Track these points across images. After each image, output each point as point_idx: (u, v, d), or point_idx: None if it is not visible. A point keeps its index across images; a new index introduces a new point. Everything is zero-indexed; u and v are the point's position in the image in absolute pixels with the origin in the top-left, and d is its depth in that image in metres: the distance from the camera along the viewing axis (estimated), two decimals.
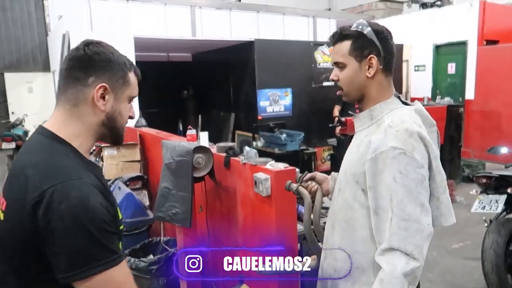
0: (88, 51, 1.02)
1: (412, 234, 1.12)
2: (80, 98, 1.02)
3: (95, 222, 0.89)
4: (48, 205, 0.86)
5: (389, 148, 1.15)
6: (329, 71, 6.65)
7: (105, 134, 1.08)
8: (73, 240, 0.87)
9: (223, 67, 6.96)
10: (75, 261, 0.87)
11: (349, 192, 1.29)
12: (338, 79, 1.33)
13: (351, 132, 5.39)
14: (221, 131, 6.83)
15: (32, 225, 0.87)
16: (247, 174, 2.25)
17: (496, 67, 7.41)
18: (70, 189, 0.89)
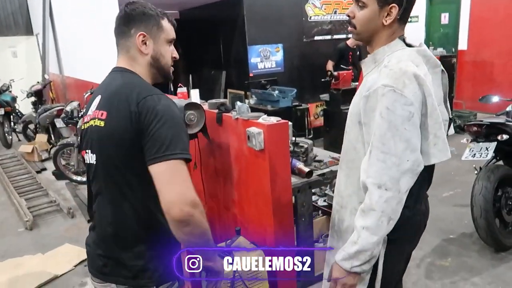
0: (126, 10, 1.30)
1: (389, 166, 1.17)
2: (129, 46, 1.31)
3: (180, 123, 1.19)
4: (147, 107, 1.15)
5: (380, 86, 1.19)
6: (320, 24, 6.53)
7: (155, 73, 1.35)
8: (165, 130, 1.12)
9: (212, 24, 6.77)
10: (165, 146, 1.11)
11: (353, 133, 1.34)
12: (354, 17, 1.31)
13: (344, 86, 5.36)
14: (213, 90, 6.75)
15: (136, 121, 1.14)
16: (239, 129, 2.24)
17: (489, 16, 7.28)
18: (159, 98, 1.18)
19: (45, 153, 6.32)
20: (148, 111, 1.13)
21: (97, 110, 1.25)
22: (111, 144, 1.18)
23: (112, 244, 1.25)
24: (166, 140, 1.11)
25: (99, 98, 1.28)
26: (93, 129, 1.24)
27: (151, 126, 1.12)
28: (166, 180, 1.10)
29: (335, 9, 6.70)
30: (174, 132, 1.13)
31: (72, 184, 5.10)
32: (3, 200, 4.90)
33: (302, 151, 2.68)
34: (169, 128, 1.12)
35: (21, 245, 3.71)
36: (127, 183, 1.20)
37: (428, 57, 1.30)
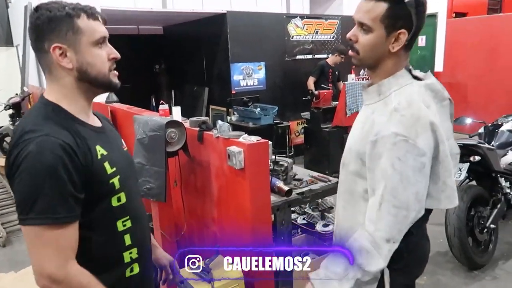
0: (31, 19, 1.05)
1: (399, 220, 1.13)
2: (49, 64, 1.07)
3: (45, 174, 0.95)
4: (16, 157, 0.97)
5: (391, 134, 1.11)
6: (302, 44, 6.67)
7: (88, 88, 1.11)
8: (21, 188, 0.96)
9: (196, 41, 6.83)
10: (21, 206, 0.96)
11: (353, 167, 1.27)
12: (357, 41, 1.20)
13: (324, 105, 5.47)
14: (195, 106, 6.77)
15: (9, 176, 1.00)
16: (220, 148, 2.27)
17: (464, 40, 7.59)
18: (33, 144, 0.96)
19: None
20: (12, 163, 0.97)
21: None
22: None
23: None
24: (21, 201, 0.96)
25: None
26: None
27: (14, 180, 0.97)
28: (28, 245, 0.98)
29: (316, 29, 6.87)
30: (32, 189, 0.94)
31: None
32: None
33: (282, 170, 2.71)
34: (25, 185, 0.95)
35: None
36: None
37: (436, 91, 1.23)
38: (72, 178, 0.98)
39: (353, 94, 5.23)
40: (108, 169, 1.09)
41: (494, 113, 5.09)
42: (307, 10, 8.01)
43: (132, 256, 1.17)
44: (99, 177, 1.06)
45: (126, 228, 1.15)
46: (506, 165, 3.35)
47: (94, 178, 1.05)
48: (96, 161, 1.06)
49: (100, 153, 1.08)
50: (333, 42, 7.11)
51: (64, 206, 0.97)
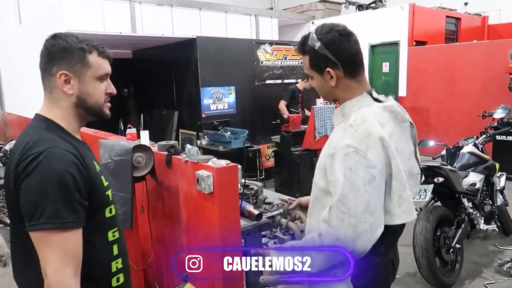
0: (47, 45, 1.18)
1: (345, 225, 1.17)
2: (52, 86, 1.18)
3: (56, 183, 1.03)
4: (25, 168, 1.04)
5: (344, 145, 1.20)
6: (271, 69, 6.79)
7: (83, 114, 1.23)
8: (32, 195, 1.02)
9: (165, 65, 6.82)
10: (31, 214, 1.02)
11: (321, 183, 1.32)
12: (312, 86, 1.42)
13: (294, 128, 5.54)
14: (164, 130, 6.70)
15: (14, 185, 1.06)
16: (189, 172, 2.24)
17: (424, 66, 7.96)
18: (40, 155, 1.05)
19: None
20: (23, 172, 1.04)
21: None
22: (9, 208, 1.16)
23: None
24: (31, 208, 1.02)
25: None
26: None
27: (22, 189, 1.04)
28: (40, 253, 1.04)
29: (285, 55, 7.03)
30: (44, 197, 1.02)
31: (6, 229, 4.72)
32: None
33: (252, 193, 2.70)
34: (35, 193, 1.02)
35: None
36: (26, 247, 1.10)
37: (395, 113, 1.31)
38: (78, 186, 1.07)
39: (321, 118, 5.33)
40: (104, 182, 1.21)
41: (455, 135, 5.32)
42: (276, 37, 8.21)
43: (118, 266, 1.26)
44: (98, 189, 1.17)
45: (115, 238, 1.25)
46: (468, 186, 3.47)
47: (94, 189, 1.15)
48: (95, 173, 1.17)
49: (97, 167, 1.21)
50: (302, 68, 7.26)
51: (72, 212, 1.04)
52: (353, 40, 1.31)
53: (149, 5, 6.30)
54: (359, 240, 1.18)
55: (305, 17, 9.32)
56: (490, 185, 3.75)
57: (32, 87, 5.92)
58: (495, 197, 3.71)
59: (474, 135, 4.09)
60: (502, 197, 3.87)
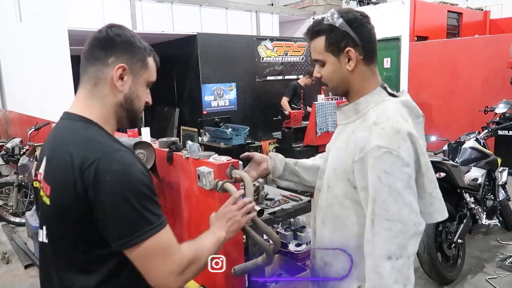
0: (110, 32, 1.05)
1: (395, 234, 1.08)
2: (100, 77, 1.04)
3: (139, 190, 0.93)
4: (95, 178, 0.90)
5: (374, 147, 1.11)
6: (272, 65, 6.78)
7: (123, 116, 1.10)
8: (121, 209, 0.91)
9: (166, 62, 6.81)
10: (126, 229, 0.91)
11: (339, 189, 1.24)
12: (321, 76, 1.28)
13: (295, 125, 5.54)
14: (166, 127, 6.70)
15: (84, 199, 0.91)
16: (190, 168, 2.23)
17: (426, 61, 7.93)
18: (111, 162, 0.92)
19: None
20: (96, 183, 0.90)
21: (43, 179, 1.02)
22: (59, 225, 0.98)
23: None
24: (125, 222, 0.91)
25: (44, 162, 1.03)
26: (42, 203, 1.02)
27: (103, 205, 0.91)
28: (141, 265, 0.95)
29: (286, 51, 7.01)
30: (133, 207, 0.92)
31: (9, 226, 4.73)
32: None
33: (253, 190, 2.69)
34: (126, 205, 0.91)
35: None
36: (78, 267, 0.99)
37: (411, 107, 1.24)
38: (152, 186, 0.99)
39: (322, 114, 5.32)
40: None
41: (456, 131, 5.30)
42: (277, 33, 8.19)
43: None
44: None
45: None
46: (470, 181, 3.46)
47: None
48: None
49: None
50: (303, 64, 7.26)
51: (159, 210, 0.98)
52: (372, 25, 1.26)
53: (150, 2, 6.29)
54: (409, 244, 1.10)
55: (306, 13, 9.29)
56: (492, 180, 3.73)
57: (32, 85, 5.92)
58: (497, 192, 3.70)
59: (476, 130, 4.07)
60: (504, 192, 3.86)
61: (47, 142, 1.08)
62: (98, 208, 0.91)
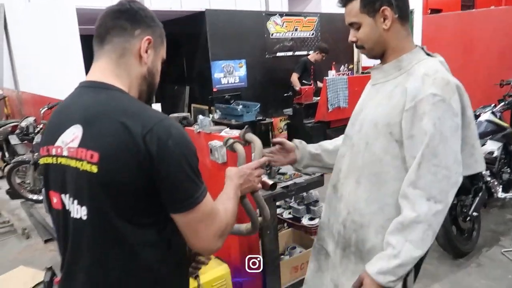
0: (133, 6, 1.05)
1: (439, 179, 1.13)
2: (127, 48, 1.03)
3: (194, 155, 0.96)
4: (158, 142, 0.89)
5: (429, 94, 1.14)
6: (282, 41, 6.68)
7: (144, 90, 1.09)
8: (181, 173, 0.92)
9: (175, 40, 6.75)
10: (185, 193, 0.93)
11: (380, 145, 1.25)
12: (357, 40, 1.30)
13: (306, 101, 5.48)
14: (176, 105, 6.70)
15: (149, 165, 0.89)
16: (202, 143, 2.23)
17: (440, 35, 7.72)
18: (169, 127, 0.92)
19: None
20: (159, 147, 0.89)
21: (81, 148, 0.93)
22: (109, 193, 0.92)
23: None
24: (184, 186, 0.93)
25: (78, 130, 0.95)
26: (79, 174, 0.93)
27: (166, 169, 0.90)
28: (191, 230, 0.98)
29: (295, 27, 6.89)
30: (191, 172, 0.94)
31: (27, 203, 4.84)
32: None
33: (266, 164, 2.69)
34: (186, 170, 0.93)
35: None
36: (127, 237, 0.95)
37: (447, 69, 1.27)
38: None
39: (334, 90, 5.26)
40: None
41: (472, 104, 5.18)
42: (286, 8, 8.03)
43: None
44: None
45: None
46: (486, 154, 3.41)
47: None
48: None
49: None
50: (313, 39, 7.14)
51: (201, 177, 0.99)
52: None
53: None
54: (451, 192, 1.15)
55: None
56: (509, 153, 3.67)
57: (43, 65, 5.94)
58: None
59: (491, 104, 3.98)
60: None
61: (72, 110, 1.00)
62: (161, 172, 0.90)
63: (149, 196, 0.93)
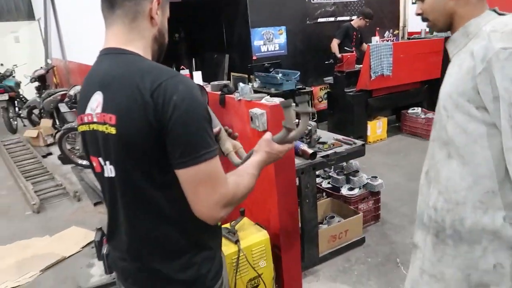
0: None
1: None
2: (139, 10, 1.02)
3: (202, 111, 0.94)
4: (164, 97, 0.91)
5: (499, 50, 1.05)
6: (323, 6, 6.44)
7: (155, 50, 1.10)
8: (186, 128, 0.92)
9: (214, 7, 6.69)
10: (188, 147, 0.92)
11: (459, 115, 1.18)
12: (422, 12, 1.27)
13: (348, 68, 5.32)
14: (216, 74, 6.71)
15: (156, 119, 0.91)
16: (242, 110, 2.24)
17: None
18: (177, 83, 0.93)
19: (50, 137, 6.35)
20: (165, 102, 0.90)
21: (103, 113, 0.98)
22: (129, 152, 0.97)
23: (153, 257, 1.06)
24: (188, 141, 0.93)
25: (99, 96, 1.00)
26: (105, 136, 0.99)
27: (170, 123, 0.91)
28: (191, 189, 0.96)
29: None
30: (197, 127, 0.93)
31: (77, 168, 5.14)
32: (10, 184, 4.95)
33: (306, 133, 2.68)
34: (190, 124, 0.92)
35: (28, 228, 3.76)
36: (151, 193, 1.00)
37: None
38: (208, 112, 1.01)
39: (378, 56, 5.05)
40: None
41: None
42: None
43: None
44: None
45: None
46: None
47: None
48: None
49: None
50: (356, 4, 6.83)
51: (213, 139, 0.98)
52: None
53: None
54: None
55: None
56: None
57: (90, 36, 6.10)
58: None
59: None
60: None
61: (94, 78, 1.05)
62: (166, 126, 0.91)
63: (165, 153, 0.94)
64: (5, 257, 3.26)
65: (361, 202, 3.20)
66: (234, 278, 2.05)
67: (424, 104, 5.83)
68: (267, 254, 2.19)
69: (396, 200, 3.69)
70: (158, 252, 1.04)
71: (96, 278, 2.84)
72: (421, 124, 5.51)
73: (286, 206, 2.29)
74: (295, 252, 2.43)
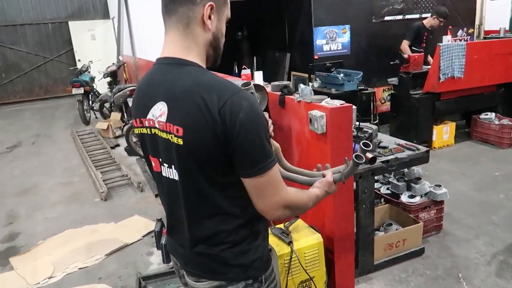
0: None
1: None
2: (191, 17, 1.05)
3: (264, 125, 1.02)
4: (231, 115, 0.97)
5: None
6: (391, 3, 6.19)
7: (210, 55, 1.13)
8: (252, 142, 0.99)
9: (278, 5, 6.70)
10: (256, 159, 1.01)
11: None
12: None
13: (414, 69, 5.07)
14: (276, 72, 6.73)
15: (223, 134, 0.98)
16: (302, 112, 2.23)
17: None
18: (241, 100, 0.98)
19: (118, 130, 6.75)
20: (232, 119, 0.96)
21: (168, 123, 1.04)
22: (195, 161, 1.03)
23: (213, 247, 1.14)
24: (253, 154, 1.00)
25: (164, 106, 1.05)
26: (169, 144, 1.06)
27: (237, 138, 0.98)
28: (256, 192, 1.06)
29: None
30: (260, 141, 1.01)
31: (142, 160, 5.41)
32: (82, 172, 5.35)
33: (366, 136, 2.60)
34: (255, 139, 1.00)
35: (97, 214, 4.04)
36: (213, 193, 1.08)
37: None
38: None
39: (448, 57, 4.75)
40: None
41: None
42: None
43: None
44: None
45: None
46: None
47: None
48: None
49: None
50: (428, 0, 6.48)
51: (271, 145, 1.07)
52: None
53: None
54: None
55: None
56: None
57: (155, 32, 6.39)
58: None
59: None
60: None
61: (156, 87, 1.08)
62: (233, 141, 0.98)
63: (228, 161, 1.02)
64: (76, 239, 3.54)
65: (422, 211, 3.05)
66: (285, 279, 2.05)
67: (499, 109, 5.41)
68: (320, 258, 2.16)
69: (460, 211, 3.47)
70: (218, 243, 1.13)
71: (155, 266, 2.99)
72: (494, 130, 5.12)
73: (341, 211, 2.25)
74: (349, 257, 2.38)
